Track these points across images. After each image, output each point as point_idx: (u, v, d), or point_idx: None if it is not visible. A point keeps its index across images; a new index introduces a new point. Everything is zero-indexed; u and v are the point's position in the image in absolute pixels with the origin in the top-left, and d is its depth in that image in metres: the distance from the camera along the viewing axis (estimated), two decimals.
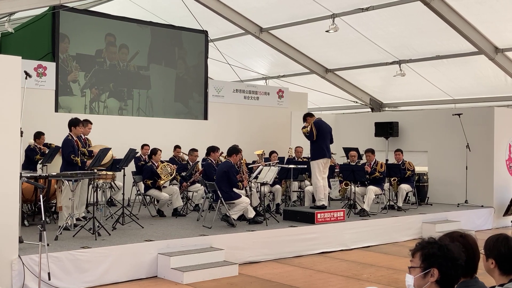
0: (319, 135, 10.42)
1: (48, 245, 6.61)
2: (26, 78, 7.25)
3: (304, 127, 10.66)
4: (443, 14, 12.29)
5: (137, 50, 14.27)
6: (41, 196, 5.77)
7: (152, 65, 14.58)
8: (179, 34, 15.06)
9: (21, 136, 6.88)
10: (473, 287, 2.90)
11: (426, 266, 2.64)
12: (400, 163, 12.79)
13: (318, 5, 13.41)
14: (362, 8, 13.16)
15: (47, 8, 13.15)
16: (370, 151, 12.08)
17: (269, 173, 9.95)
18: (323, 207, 10.41)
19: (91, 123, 9.97)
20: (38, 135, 10.89)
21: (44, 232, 5.80)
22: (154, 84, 14.61)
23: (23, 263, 6.53)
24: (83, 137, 9.58)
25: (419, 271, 2.66)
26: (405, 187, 12.64)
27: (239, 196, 9.64)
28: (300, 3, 13.59)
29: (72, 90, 13.22)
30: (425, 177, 14.04)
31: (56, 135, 10.57)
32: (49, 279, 6.23)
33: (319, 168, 10.46)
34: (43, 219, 5.83)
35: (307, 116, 10.75)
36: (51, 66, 12.67)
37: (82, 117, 12.34)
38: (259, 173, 10.29)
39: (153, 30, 14.62)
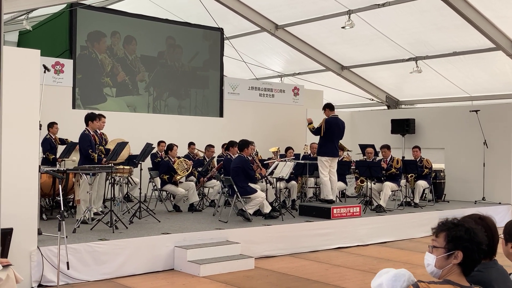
0: (329, 133, 10.39)
1: (66, 237, 6.67)
2: (44, 71, 7.32)
3: (310, 123, 10.66)
4: (460, 9, 12.17)
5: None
6: (60, 186, 5.81)
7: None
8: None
9: (40, 129, 6.96)
10: (493, 269, 2.88)
11: (451, 248, 2.61)
12: (417, 160, 12.73)
13: (333, 1, 13.36)
14: (378, 4, 13.08)
15: (65, 5, 13.27)
16: (386, 147, 12.04)
17: (285, 168, 9.95)
18: (331, 201, 10.39)
19: (105, 117, 9.97)
20: (51, 125, 10.88)
21: (63, 222, 5.85)
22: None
23: (41, 254, 6.60)
24: (99, 131, 9.65)
25: (442, 252, 2.63)
26: (422, 184, 12.58)
27: (254, 191, 9.65)
28: None
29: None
30: (442, 174, 13.95)
31: (73, 131, 10.64)
32: (68, 268, 6.29)
33: (324, 164, 10.44)
34: (62, 209, 5.88)
35: (326, 108, 10.69)
36: (68, 63, 12.81)
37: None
38: (274, 168, 10.30)
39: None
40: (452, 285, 2.59)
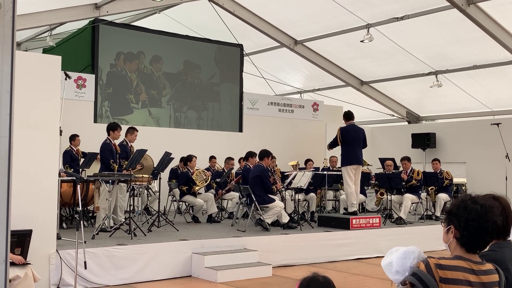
0: (346, 141, 10.38)
1: (85, 242, 6.73)
2: (65, 79, 7.46)
3: None
4: (480, 22, 12.12)
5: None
6: (77, 187, 5.87)
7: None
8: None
9: (60, 135, 7.07)
10: (507, 249, 2.85)
11: (448, 222, 2.62)
12: (438, 172, 12.61)
13: (352, 16, 13.43)
14: (397, 18, 13.10)
15: (87, 22, 13.55)
16: (406, 159, 11.95)
17: (303, 178, 9.94)
18: (355, 213, 10.33)
19: (137, 131, 9.92)
20: (73, 137, 10.97)
21: (82, 222, 5.90)
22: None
23: (60, 257, 6.66)
24: (129, 144, 9.69)
25: (444, 227, 2.65)
26: (443, 197, 12.42)
27: (273, 200, 9.63)
28: (335, 14, 13.63)
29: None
30: (463, 187, 13.79)
31: (95, 145, 10.73)
32: (85, 267, 6.33)
33: (349, 175, 10.39)
34: (80, 209, 5.94)
35: (343, 118, 10.77)
36: (90, 78, 13.02)
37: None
38: (293, 178, 10.28)
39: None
40: (463, 261, 2.56)
